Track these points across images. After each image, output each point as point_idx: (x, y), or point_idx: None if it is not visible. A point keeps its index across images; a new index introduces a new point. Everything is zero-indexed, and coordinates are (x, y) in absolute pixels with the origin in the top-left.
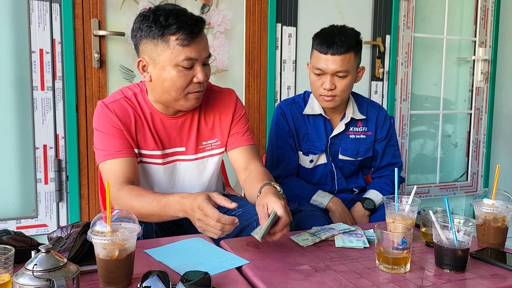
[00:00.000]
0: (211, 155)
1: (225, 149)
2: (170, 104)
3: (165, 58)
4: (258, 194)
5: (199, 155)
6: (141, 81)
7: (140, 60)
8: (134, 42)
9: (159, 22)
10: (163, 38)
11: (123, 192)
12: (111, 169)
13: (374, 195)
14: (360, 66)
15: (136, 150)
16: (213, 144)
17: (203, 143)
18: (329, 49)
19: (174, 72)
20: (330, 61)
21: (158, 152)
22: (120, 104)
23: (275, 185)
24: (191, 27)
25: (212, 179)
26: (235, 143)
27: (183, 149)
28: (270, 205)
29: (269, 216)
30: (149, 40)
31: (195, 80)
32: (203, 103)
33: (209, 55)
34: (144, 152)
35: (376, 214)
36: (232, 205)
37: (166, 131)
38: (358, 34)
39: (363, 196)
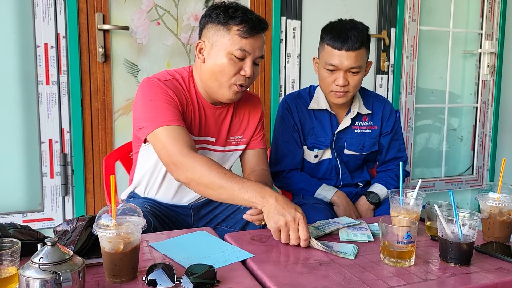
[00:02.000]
0: (235, 150)
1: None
2: (212, 91)
3: (223, 43)
4: None
5: (226, 147)
6: (188, 66)
7: (199, 42)
8: (200, 27)
9: (227, 12)
10: (226, 26)
11: (196, 158)
12: (175, 133)
13: (379, 189)
14: (368, 60)
15: None
16: (239, 140)
17: (231, 137)
18: (344, 45)
19: (226, 59)
20: (345, 57)
21: (194, 137)
22: (173, 83)
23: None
24: (254, 23)
25: None
26: (252, 144)
27: (213, 139)
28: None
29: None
30: (214, 25)
31: (242, 72)
32: (237, 100)
33: (262, 57)
34: None
35: (381, 208)
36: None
37: (205, 118)
38: (367, 28)
39: (368, 190)
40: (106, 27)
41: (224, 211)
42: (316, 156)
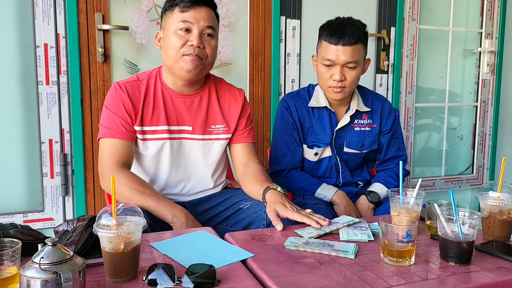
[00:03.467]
0: (217, 139)
1: (229, 142)
2: (173, 71)
3: (169, 24)
4: (264, 200)
5: (206, 136)
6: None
7: (158, 33)
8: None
9: None
10: (171, 8)
11: (120, 176)
12: (111, 148)
13: (379, 188)
14: (366, 58)
15: (138, 128)
16: (220, 129)
17: (212, 126)
18: (340, 40)
19: (173, 36)
20: (341, 52)
21: (164, 128)
22: (132, 84)
23: (275, 188)
24: None
25: (218, 164)
26: (240, 138)
27: (189, 128)
28: (284, 214)
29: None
30: (164, 13)
31: (189, 43)
32: (213, 89)
33: (211, 27)
34: (148, 128)
35: (381, 207)
36: None
37: (175, 108)
38: (365, 26)
39: (368, 190)
40: (105, 27)
41: (225, 211)
42: (316, 154)
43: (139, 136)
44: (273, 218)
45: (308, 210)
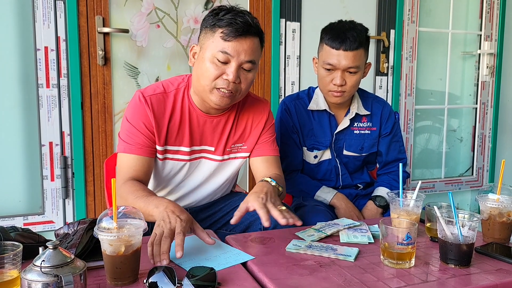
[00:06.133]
0: (235, 158)
1: (249, 155)
2: (201, 95)
3: (207, 46)
4: None
5: (225, 156)
6: (186, 75)
7: (193, 46)
8: (199, 32)
9: (217, 15)
10: (213, 29)
11: (125, 187)
12: (127, 163)
13: (384, 192)
14: (367, 62)
15: (161, 148)
16: (240, 147)
17: (232, 145)
18: (342, 44)
19: (209, 62)
20: (343, 57)
21: (186, 149)
22: (158, 98)
23: (267, 180)
24: (239, 26)
25: (228, 180)
26: (261, 151)
27: (212, 148)
28: (250, 203)
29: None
30: (204, 28)
31: (224, 76)
32: (239, 107)
33: (252, 62)
34: (170, 148)
35: (389, 211)
36: (209, 241)
37: (200, 128)
38: (367, 30)
39: (374, 195)
40: (106, 30)
41: (225, 216)
42: (315, 157)
43: (159, 156)
44: (238, 211)
45: (283, 208)
